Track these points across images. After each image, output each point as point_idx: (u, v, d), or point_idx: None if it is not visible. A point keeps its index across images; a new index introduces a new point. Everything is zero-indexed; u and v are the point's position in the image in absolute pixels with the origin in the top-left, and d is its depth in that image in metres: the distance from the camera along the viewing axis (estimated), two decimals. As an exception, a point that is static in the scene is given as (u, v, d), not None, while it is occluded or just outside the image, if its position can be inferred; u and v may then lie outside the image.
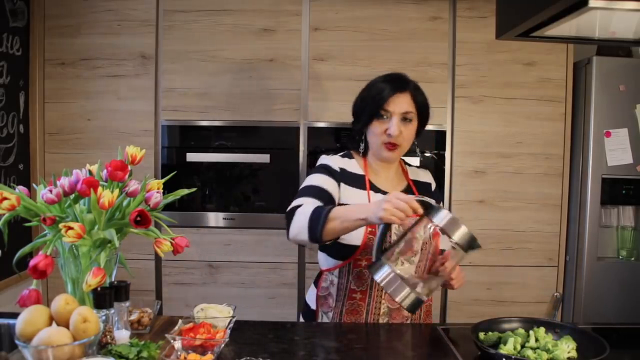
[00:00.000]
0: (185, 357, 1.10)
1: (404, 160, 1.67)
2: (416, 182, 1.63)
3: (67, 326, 1.01)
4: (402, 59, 2.49)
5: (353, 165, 1.56)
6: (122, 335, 1.20)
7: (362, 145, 1.56)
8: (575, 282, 2.51)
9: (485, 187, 2.54)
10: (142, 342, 1.14)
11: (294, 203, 1.43)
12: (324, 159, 1.58)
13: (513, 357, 1.14)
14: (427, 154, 2.52)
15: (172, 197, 1.29)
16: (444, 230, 1.22)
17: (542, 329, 1.27)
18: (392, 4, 2.49)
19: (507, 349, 1.19)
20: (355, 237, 1.45)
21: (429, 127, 2.44)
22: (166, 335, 1.16)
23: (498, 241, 2.54)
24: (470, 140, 2.53)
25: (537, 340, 1.23)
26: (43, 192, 1.15)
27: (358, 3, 2.49)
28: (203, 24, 2.49)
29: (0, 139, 2.27)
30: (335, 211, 1.31)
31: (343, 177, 1.53)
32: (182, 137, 2.52)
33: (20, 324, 1.00)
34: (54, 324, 1.02)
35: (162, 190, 1.27)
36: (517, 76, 2.51)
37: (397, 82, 1.49)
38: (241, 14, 2.49)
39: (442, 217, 1.22)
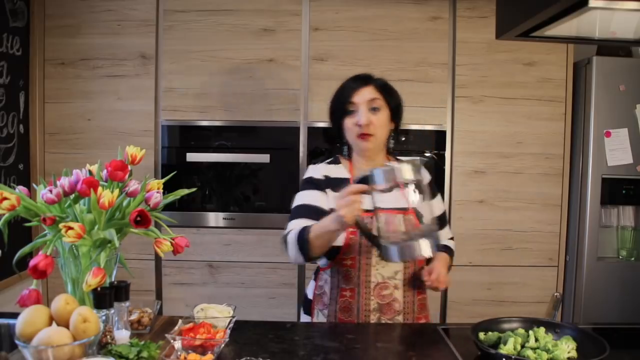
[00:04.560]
0: (185, 357, 1.10)
1: (395, 157, 1.67)
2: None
3: (67, 326, 1.01)
4: (402, 59, 2.49)
5: (339, 170, 1.59)
6: (122, 335, 1.20)
7: (344, 148, 1.60)
8: (575, 282, 2.51)
9: (485, 187, 2.54)
10: (142, 342, 1.14)
11: (287, 228, 1.50)
12: (308, 171, 1.62)
13: (513, 357, 1.14)
14: (427, 154, 2.52)
15: (172, 197, 1.29)
16: (390, 186, 1.23)
17: (542, 329, 1.27)
18: (392, 4, 2.49)
19: (507, 349, 1.19)
20: (338, 239, 1.48)
21: (428, 127, 2.52)
22: (166, 335, 1.16)
23: (498, 241, 2.54)
24: (471, 140, 2.53)
25: (537, 340, 1.23)
26: (43, 192, 1.15)
27: (358, 3, 2.49)
28: (203, 24, 2.49)
29: (0, 139, 2.27)
30: (313, 231, 1.37)
31: (328, 184, 1.56)
32: (182, 137, 2.52)
33: (20, 324, 1.00)
34: (54, 324, 1.02)
35: (162, 190, 1.27)
36: (517, 76, 2.51)
37: (361, 78, 1.53)
38: (241, 14, 2.49)
39: (380, 179, 1.23)
